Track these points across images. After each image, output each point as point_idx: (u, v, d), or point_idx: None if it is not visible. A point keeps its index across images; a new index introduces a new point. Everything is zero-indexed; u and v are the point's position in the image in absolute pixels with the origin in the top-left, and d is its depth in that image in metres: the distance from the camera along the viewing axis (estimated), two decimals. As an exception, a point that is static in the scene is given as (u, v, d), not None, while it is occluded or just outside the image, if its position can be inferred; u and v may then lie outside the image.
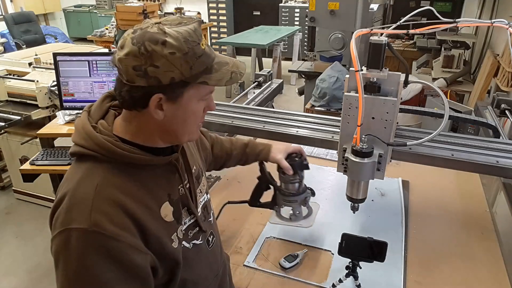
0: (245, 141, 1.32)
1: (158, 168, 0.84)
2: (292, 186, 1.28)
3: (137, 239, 0.75)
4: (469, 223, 1.50)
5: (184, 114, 0.79)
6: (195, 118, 0.83)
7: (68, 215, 0.72)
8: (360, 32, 1.04)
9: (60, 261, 0.72)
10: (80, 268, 0.70)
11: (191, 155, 1.01)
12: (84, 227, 0.70)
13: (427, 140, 1.13)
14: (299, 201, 1.30)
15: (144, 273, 0.76)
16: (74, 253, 0.70)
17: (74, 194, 0.74)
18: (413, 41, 5.19)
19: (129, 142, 0.80)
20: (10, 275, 2.61)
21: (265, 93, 2.14)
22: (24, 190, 3.33)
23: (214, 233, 1.03)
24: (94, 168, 0.77)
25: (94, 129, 0.79)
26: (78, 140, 0.79)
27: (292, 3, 7.70)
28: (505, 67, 2.85)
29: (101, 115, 0.84)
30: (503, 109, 1.86)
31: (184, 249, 0.89)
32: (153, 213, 0.80)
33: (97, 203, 0.72)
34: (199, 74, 0.75)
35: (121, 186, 0.76)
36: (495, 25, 1.07)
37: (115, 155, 0.77)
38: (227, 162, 1.31)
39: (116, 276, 0.72)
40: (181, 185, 0.90)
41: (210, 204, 1.06)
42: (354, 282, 1.17)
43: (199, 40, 0.75)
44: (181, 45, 0.72)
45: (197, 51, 0.74)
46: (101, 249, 0.70)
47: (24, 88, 3.01)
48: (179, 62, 0.72)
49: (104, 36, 6.97)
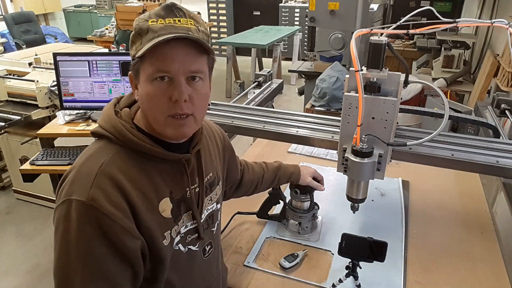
0: (276, 165, 1.37)
1: (166, 163, 0.86)
2: (303, 204, 1.39)
3: (131, 222, 0.77)
4: (469, 223, 1.50)
5: (143, 94, 0.81)
6: (152, 102, 0.79)
7: (72, 187, 0.76)
8: (360, 32, 1.04)
9: (59, 229, 0.76)
10: (76, 238, 0.74)
11: (210, 161, 1.01)
12: (82, 200, 0.74)
13: (427, 140, 1.13)
14: (308, 217, 1.40)
15: (134, 257, 0.78)
16: (72, 223, 0.74)
17: (80, 168, 0.79)
18: (413, 41, 5.19)
19: (144, 132, 0.84)
20: (10, 275, 2.61)
21: (265, 93, 2.14)
22: (24, 190, 3.33)
23: (213, 243, 1.02)
24: (105, 148, 0.81)
25: (116, 114, 0.84)
26: (100, 121, 0.85)
27: (292, 3, 7.70)
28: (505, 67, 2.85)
29: (127, 104, 0.90)
30: (503, 109, 1.85)
31: (177, 251, 0.89)
32: (151, 205, 0.82)
33: (98, 179, 0.76)
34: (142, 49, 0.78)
35: (125, 170, 0.79)
36: (495, 25, 1.07)
37: (126, 140, 0.81)
38: (259, 186, 1.35)
39: (107, 252, 0.74)
40: (189, 188, 0.90)
41: (218, 215, 1.05)
42: (354, 282, 1.17)
43: (149, 18, 0.79)
44: (136, 24, 0.80)
45: (143, 26, 0.79)
46: (96, 225, 0.73)
47: (24, 88, 3.00)
48: (133, 39, 0.80)
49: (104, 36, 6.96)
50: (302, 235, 1.42)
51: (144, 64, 0.79)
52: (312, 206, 1.41)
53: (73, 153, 2.44)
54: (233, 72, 6.15)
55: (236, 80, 5.83)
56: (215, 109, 1.65)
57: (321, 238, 1.41)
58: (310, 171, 1.40)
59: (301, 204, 1.39)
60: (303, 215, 1.39)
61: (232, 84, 5.75)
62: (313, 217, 1.43)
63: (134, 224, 0.78)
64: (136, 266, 0.80)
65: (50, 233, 2.97)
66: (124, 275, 0.78)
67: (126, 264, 0.77)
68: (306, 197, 1.38)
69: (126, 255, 0.77)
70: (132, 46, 0.81)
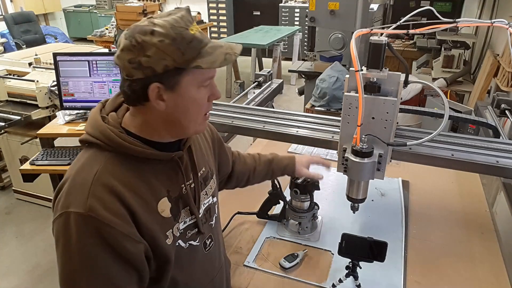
0: (269, 157, 1.34)
1: (160, 163, 0.85)
2: (303, 204, 1.39)
3: (131, 227, 0.77)
4: (469, 223, 1.50)
5: (185, 102, 0.80)
6: (197, 106, 0.82)
7: (68, 199, 0.76)
8: (360, 32, 1.04)
9: (60, 242, 0.76)
10: (78, 250, 0.74)
11: (202, 156, 1.01)
12: (80, 212, 0.73)
13: (427, 140, 1.13)
14: (308, 217, 1.40)
15: (137, 261, 0.78)
16: (73, 236, 0.74)
17: (74, 178, 0.78)
18: (413, 41, 5.19)
19: (134, 135, 0.82)
20: (10, 275, 2.61)
21: (265, 93, 2.14)
22: (24, 190, 3.33)
23: (213, 237, 1.03)
24: (96, 155, 0.80)
25: (103, 119, 0.82)
26: (87, 128, 0.83)
27: (292, 3, 7.70)
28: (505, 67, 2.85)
29: (113, 108, 0.88)
30: (503, 109, 1.85)
31: (178, 248, 0.89)
32: (149, 206, 0.82)
33: (94, 189, 0.75)
34: (192, 59, 0.76)
35: (120, 175, 0.78)
36: (495, 25, 1.07)
37: (116, 145, 0.79)
38: (251, 178, 1.32)
39: (111, 260, 0.75)
40: (185, 184, 0.91)
41: (215, 208, 1.05)
42: (354, 282, 1.17)
43: (187, 26, 0.76)
44: (168, 32, 0.74)
45: (186, 36, 0.75)
46: (97, 234, 0.73)
47: (24, 88, 3.00)
48: (170, 49, 0.74)
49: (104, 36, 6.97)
50: (302, 235, 1.42)
51: (192, 73, 0.78)
52: (312, 206, 1.41)
53: (73, 153, 2.44)
54: (233, 72, 6.15)
55: (236, 80, 5.83)
56: (215, 109, 1.65)
57: (321, 238, 1.41)
58: (305, 160, 1.35)
59: (301, 204, 1.39)
60: (303, 215, 1.39)
61: (232, 84, 5.75)
62: (313, 217, 1.43)
63: (135, 229, 0.78)
64: (141, 269, 0.80)
65: (50, 233, 2.91)
66: (129, 280, 0.78)
67: (130, 269, 0.78)
68: (306, 197, 1.38)
69: (129, 260, 0.77)
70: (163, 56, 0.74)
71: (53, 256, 0.77)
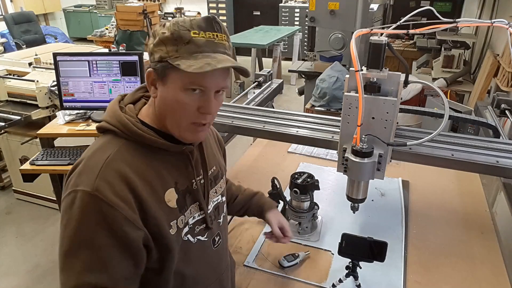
0: (254, 191, 1.31)
1: (170, 155, 0.89)
2: (303, 204, 1.39)
3: (135, 214, 0.79)
4: (469, 223, 1.50)
5: (170, 98, 0.82)
6: (182, 109, 0.83)
7: (78, 179, 0.79)
8: (360, 32, 1.04)
9: (64, 217, 0.78)
10: (78, 228, 0.76)
11: (213, 155, 1.04)
12: (88, 190, 0.76)
13: (427, 140, 1.13)
14: (308, 217, 1.41)
15: (135, 248, 0.80)
16: (75, 213, 0.76)
17: (87, 161, 0.82)
18: (413, 41, 5.19)
19: (149, 126, 0.86)
20: (10, 275, 2.61)
21: (265, 93, 2.14)
22: (24, 190, 3.33)
23: (221, 235, 1.04)
24: (111, 141, 0.84)
25: (121, 109, 0.87)
26: (105, 117, 0.88)
27: (292, 3, 7.70)
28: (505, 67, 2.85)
29: (132, 101, 0.93)
30: (503, 109, 1.86)
31: (187, 242, 0.91)
32: (157, 195, 0.84)
33: (104, 171, 0.78)
34: (179, 57, 0.79)
35: (131, 162, 0.82)
36: (495, 25, 1.07)
37: (131, 133, 0.84)
38: (230, 205, 1.26)
39: (109, 243, 0.76)
40: (195, 180, 0.93)
41: (223, 207, 1.07)
42: (354, 282, 1.17)
43: (191, 28, 0.80)
44: (170, 27, 0.80)
45: (184, 36, 0.80)
46: (99, 214, 0.75)
47: (24, 88, 3.00)
48: (167, 42, 0.80)
49: (104, 36, 6.97)
50: (302, 235, 1.42)
51: (177, 72, 0.79)
52: (312, 206, 1.41)
53: (73, 153, 2.44)
54: (233, 72, 6.15)
55: (236, 80, 5.83)
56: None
57: (321, 238, 1.41)
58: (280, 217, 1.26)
59: (301, 204, 1.39)
60: (303, 215, 1.39)
61: (232, 84, 5.75)
62: (313, 217, 1.43)
63: (139, 216, 0.79)
64: (138, 257, 0.81)
65: (50, 233, 2.98)
66: (123, 266, 0.79)
67: (127, 254, 0.79)
68: (306, 197, 1.38)
69: (127, 245, 0.78)
70: (161, 47, 0.80)
71: (53, 256, 0.78)
